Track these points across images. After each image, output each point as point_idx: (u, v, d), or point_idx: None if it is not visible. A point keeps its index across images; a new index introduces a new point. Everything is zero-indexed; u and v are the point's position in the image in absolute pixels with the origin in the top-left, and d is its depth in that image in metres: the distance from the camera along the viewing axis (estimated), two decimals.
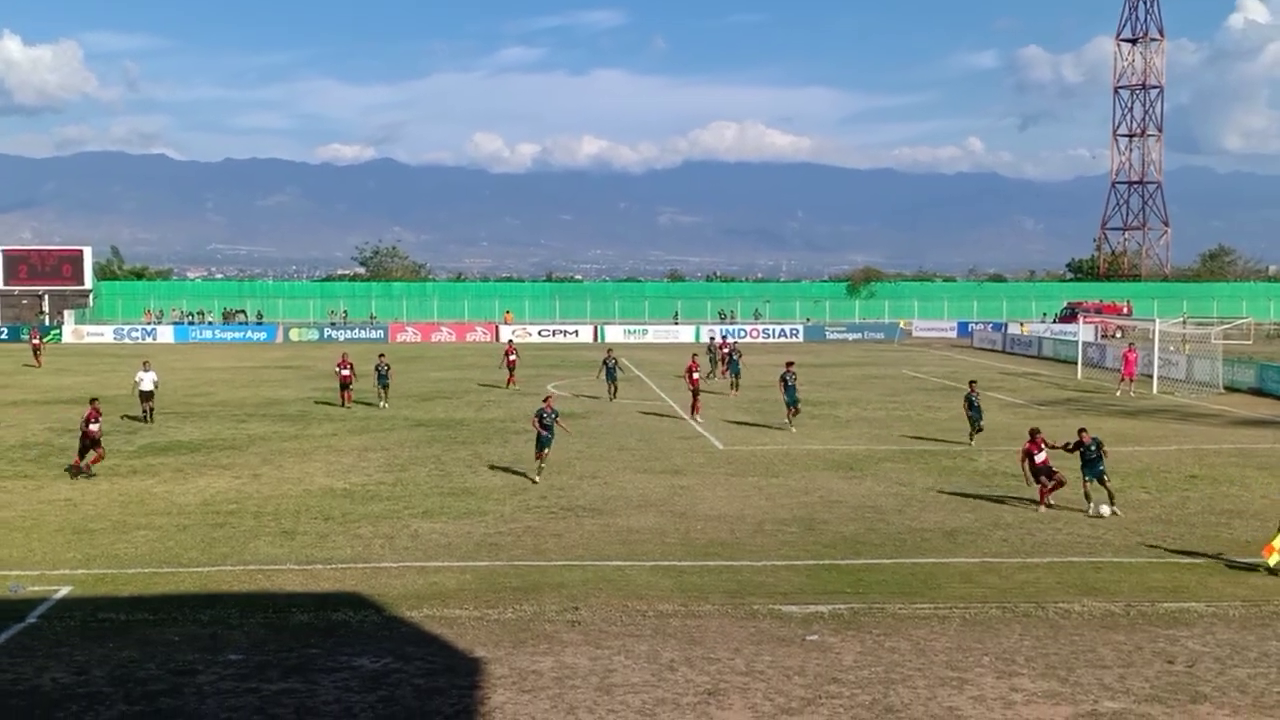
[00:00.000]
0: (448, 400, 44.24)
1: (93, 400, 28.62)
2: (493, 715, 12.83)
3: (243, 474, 27.90)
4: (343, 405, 40.38)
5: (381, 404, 40.83)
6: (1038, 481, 23.83)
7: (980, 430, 32.53)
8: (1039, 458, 23.80)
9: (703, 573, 18.81)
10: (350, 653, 14.83)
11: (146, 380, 36.57)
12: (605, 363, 43.65)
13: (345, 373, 40.84)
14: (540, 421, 26.91)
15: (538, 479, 26.31)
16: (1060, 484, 23.79)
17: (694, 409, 38.12)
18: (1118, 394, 46.26)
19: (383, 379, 41.21)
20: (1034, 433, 24.25)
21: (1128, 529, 22.01)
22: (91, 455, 27.09)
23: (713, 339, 62.83)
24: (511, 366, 48.95)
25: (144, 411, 36.54)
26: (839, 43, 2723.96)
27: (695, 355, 42.64)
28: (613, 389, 43.46)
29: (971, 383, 33.97)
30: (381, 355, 43.21)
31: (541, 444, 26.84)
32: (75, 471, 26.98)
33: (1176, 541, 21.07)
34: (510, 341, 55.82)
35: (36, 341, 63.13)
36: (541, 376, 54.45)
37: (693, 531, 21.75)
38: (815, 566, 19.23)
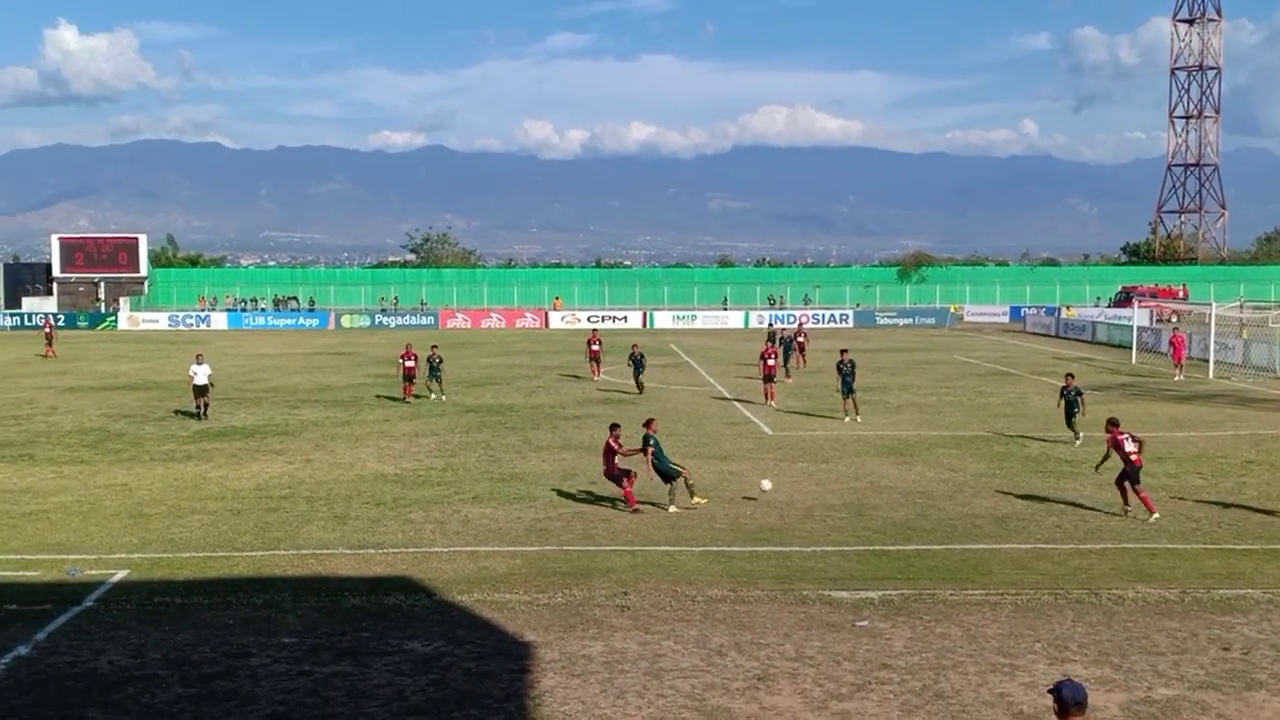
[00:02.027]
0: (497, 386, 44.42)
1: (613, 427, 23.28)
2: (543, 699, 12.88)
3: (295, 459, 28.15)
4: (404, 399, 39.01)
5: (439, 396, 39.32)
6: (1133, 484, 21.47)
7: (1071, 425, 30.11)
8: (1131, 452, 21.35)
9: (752, 558, 18.78)
10: (401, 636, 14.94)
11: (201, 374, 35.13)
12: (631, 356, 41.87)
13: (409, 364, 39.19)
14: (651, 452, 22.33)
15: (678, 506, 22.06)
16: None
17: (769, 394, 37.82)
18: (1176, 378, 45.73)
19: (434, 371, 39.91)
20: (1112, 422, 22.44)
21: (1183, 515, 21.74)
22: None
23: (796, 323, 62.06)
24: (595, 357, 46.16)
25: (198, 407, 35.17)
26: (889, 25, 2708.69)
27: (769, 342, 42.62)
28: (639, 384, 41.23)
29: (1068, 375, 31.49)
30: (434, 347, 41.90)
31: (665, 475, 22.41)
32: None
33: (1232, 527, 20.79)
34: (594, 330, 52.84)
35: (49, 330, 62.78)
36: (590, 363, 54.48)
37: (742, 517, 21.71)
38: (865, 552, 19.15)
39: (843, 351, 35.70)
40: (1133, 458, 21.39)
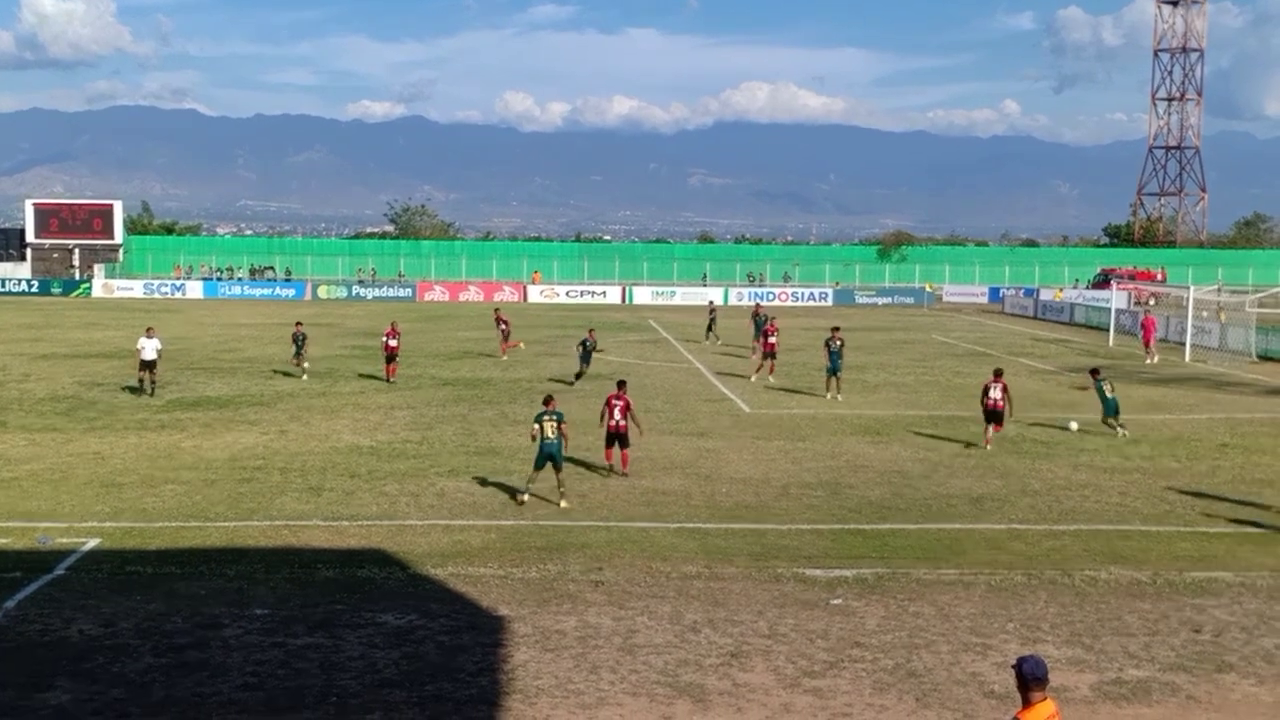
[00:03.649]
0: (474, 360, 44.30)
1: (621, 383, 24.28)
2: (516, 673, 12.87)
3: (270, 430, 28.01)
4: (387, 380, 36.83)
5: (302, 373, 37.72)
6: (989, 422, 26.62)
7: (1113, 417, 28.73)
8: (993, 398, 26.43)
9: (727, 535, 18.80)
10: (375, 609, 14.89)
11: (150, 348, 33.31)
12: (584, 343, 37.73)
13: (393, 343, 36.97)
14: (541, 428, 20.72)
15: (526, 497, 20.83)
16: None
17: (768, 369, 37.95)
18: (1147, 361, 45.89)
19: (299, 347, 38.10)
20: (996, 372, 27.46)
21: (1156, 497, 21.86)
22: None
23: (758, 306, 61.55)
24: (506, 334, 44.91)
25: (144, 382, 33.37)
26: (873, 2, 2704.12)
27: (773, 319, 41.90)
28: (579, 373, 37.09)
29: (1093, 371, 30.85)
30: (299, 323, 39.57)
31: (542, 458, 20.74)
32: None
33: (1206, 510, 20.91)
34: (497, 309, 50.29)
35: None
36: (569, 337, 54.42)
37: (718, 494, 21.72)
38: (840, 531, 19.19)
39: (834, 330, 35.47)
40: (989, 402, 26.47)
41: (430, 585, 16.00)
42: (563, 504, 20.57)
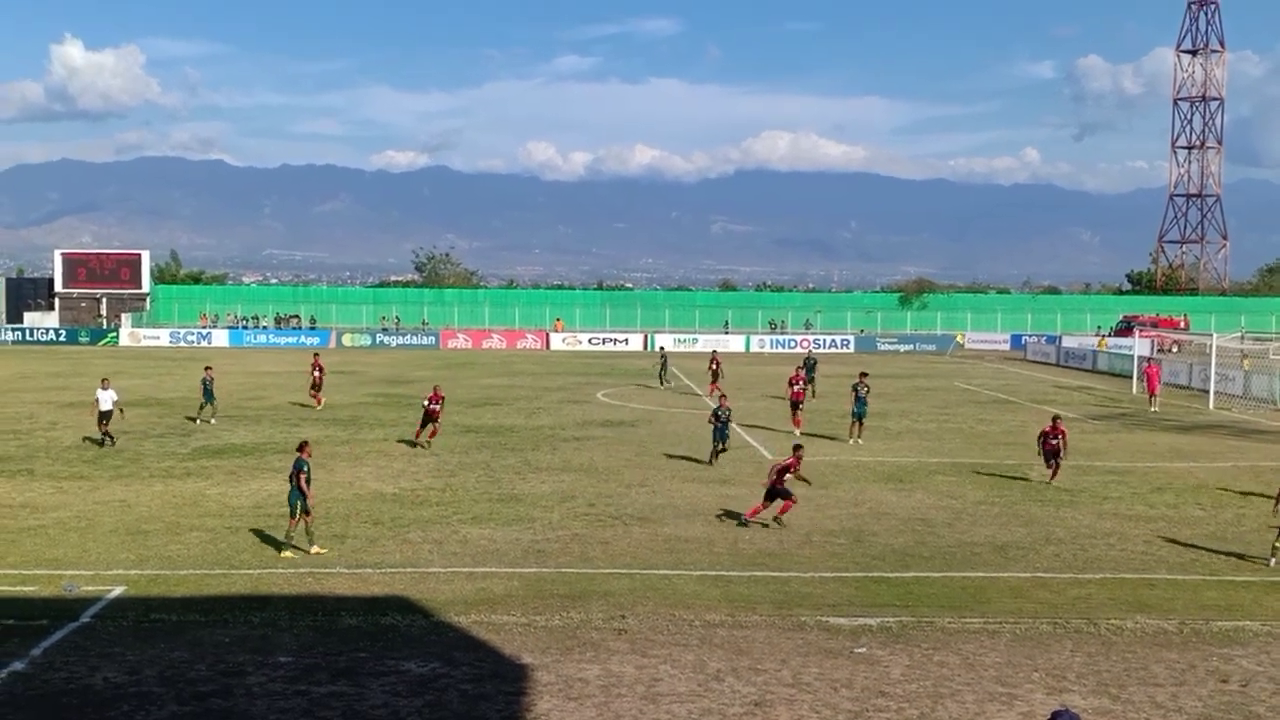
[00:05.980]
0: (497, 407, 44.40)
1: (797, 448, 24.11)
2: None
3: None
4: (414, 441, 33.88)
5: (209, 420, 37.83)
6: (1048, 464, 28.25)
7: None
8: (1051, 443, 28.17)
9: (750, 583, 18.76)
10: (398, 657, 14.91)
11: (105, 400, 32.98)
12: (716, 414, 31.44)
13: (435, 407, 33.69)
14: (300, 475, 20.44)
15: (289, 552, 20.30)
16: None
17: (795, 421, 37.21)
18: (1151, 410, 45.61)
19: (209, 393, 38.04)
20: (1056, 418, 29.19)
21: (1182, 545, 21.72)
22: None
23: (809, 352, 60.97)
24: (316, 384, 42.84)
25: (101, 435, 33.11)
26: (893, 52, 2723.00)
27: (798, 367, 41.65)
28: (716, 452, 31.29)
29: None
30: (208, 368, 39.33)
31: (293, 503, 20.54)
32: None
33: (1231, 559, 20.76)
34: (316, 354, 47.00)
35: None
36: (591, 385, 54.57)
37: (741, 541, 21.69)
38: (864, 579, 19.12)
39: (862, 375, 36.06)
40: (1047, 444, 28.23)
41: (453, 633, 16.01)
42: (285, 554, 20.22)
